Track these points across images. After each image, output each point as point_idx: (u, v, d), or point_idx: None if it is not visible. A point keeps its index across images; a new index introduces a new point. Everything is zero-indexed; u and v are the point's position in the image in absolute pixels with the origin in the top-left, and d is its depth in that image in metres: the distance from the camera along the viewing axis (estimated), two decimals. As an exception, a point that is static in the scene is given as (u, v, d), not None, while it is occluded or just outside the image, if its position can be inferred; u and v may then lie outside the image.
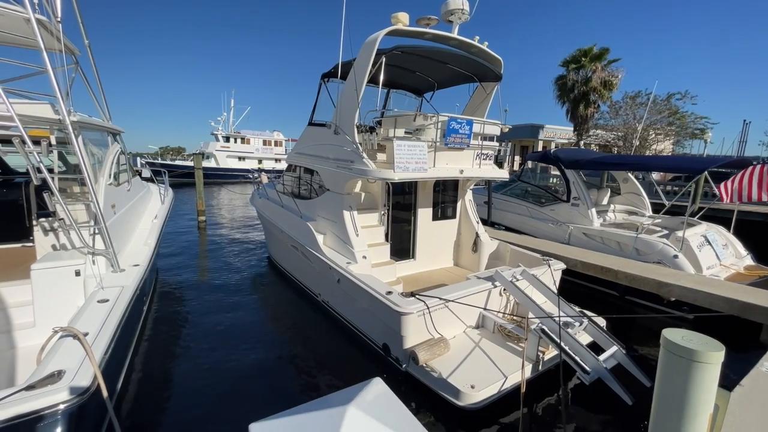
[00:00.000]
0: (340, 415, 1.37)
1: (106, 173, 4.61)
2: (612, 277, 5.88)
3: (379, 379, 1.78)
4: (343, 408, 1.41)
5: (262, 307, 6.46)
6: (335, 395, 1.66)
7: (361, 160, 4.87)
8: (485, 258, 6.35)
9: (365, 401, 1.49)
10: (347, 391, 1.64)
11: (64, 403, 2.09)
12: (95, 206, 3.71)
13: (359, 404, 1.44)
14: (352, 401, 1.45)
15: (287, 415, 1.48)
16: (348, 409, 1.40)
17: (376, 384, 1.72)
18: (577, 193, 8.01)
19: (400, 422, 1.50)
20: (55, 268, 3.47)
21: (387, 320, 4.10)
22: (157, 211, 6.42)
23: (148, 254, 4.62)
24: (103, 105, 5.74)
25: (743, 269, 6.65)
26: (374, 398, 1.58)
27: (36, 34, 3.25)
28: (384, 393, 1.69)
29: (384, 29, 4.74)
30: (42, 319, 3.41)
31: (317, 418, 1.42)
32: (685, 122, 20.71)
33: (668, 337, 1.51)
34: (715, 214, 8.41)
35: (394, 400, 1.68)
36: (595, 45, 20.12)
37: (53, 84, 3.37)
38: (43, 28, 3.53)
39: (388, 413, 1.52)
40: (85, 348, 2.51)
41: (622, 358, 3.87)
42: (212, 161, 30.71)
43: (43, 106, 3.66)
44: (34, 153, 3.31)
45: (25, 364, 3.17)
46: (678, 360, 1.44)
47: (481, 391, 3.44)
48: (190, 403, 3.80)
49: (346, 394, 1.56)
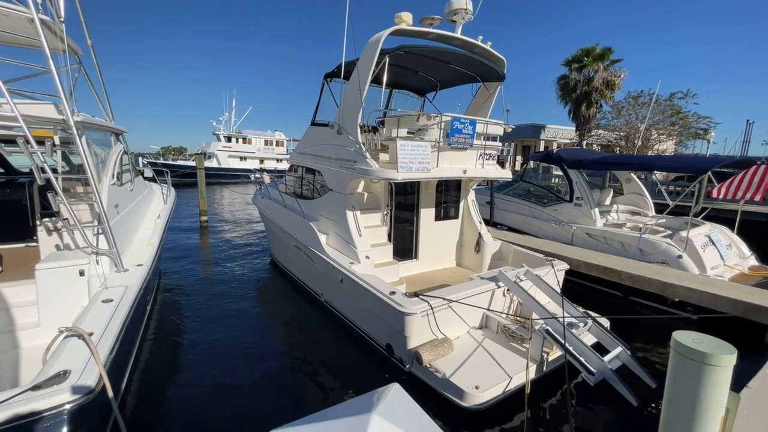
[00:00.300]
0: (364, 424, 1.35)
1: (109, 173, 4.62)
2: (615, 277, 5.85)
3: (398, 385, 1.76)
4: (366, 416, 1.39)
5: (264, 307, 6.46)
6: (354, 402, 1.64)
7: (365, 160, 4.86)
8: (488, 258, 6.33)
9: (387, 409, 1.47)
10: (365, 397, 1.62)
11: (70, 403, 2.09)
12: (99, 206, 3.72)
13: (382, 412, 1.42)
14: (374, 409, 1.43)
15: (307, 423, 1.46)
16: (371, 417, 1.38)
17: (396, 390, 1.69)
18: (580, 193, 7.98)
19: (423, 430, 1.49)
20: (59, 267, 3.47)
21: (390, 320, 4.09)
22: (160, 210, 6.42)
23: (152, 254, 4.62)
24: (105, 105, 5.74)
25: (747, 270, 6.62)
26: (396, 405, 1.56)
27: (39, 34, 3.26)
28: (404, 400, 1.67)
29: (387, 29, 4.72)
30: (46, 318, 3.41)
31: (339, 427, 1.40)
32: (687, 122, 20.63)
33: (679, 339, 1.50)
34: (719, 215, 8.37)
35: (415, 407, 1.66)
36: (597, 44, 20.08)
37: (57, 84, 3.37)
38: (47, 29, 3.53)
39: (410, 421, 1.50)
40: (91, 348, 2.51)
41: (627, 359, 3.85)
42: (214, 161, 30.77)
43: (46, 106, 3.66)
44: (38, 153, 3.32)
45: (30, 364, 3.18)
46: (689, 363, 1.42)
47: (486, 391, 3.43)
48: (194, 403, 3.80)
49: (365, 401, 1.54)
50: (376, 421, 1.39)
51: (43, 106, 3.65)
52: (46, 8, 3.56)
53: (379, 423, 1.39)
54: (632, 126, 19.73)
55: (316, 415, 1.55)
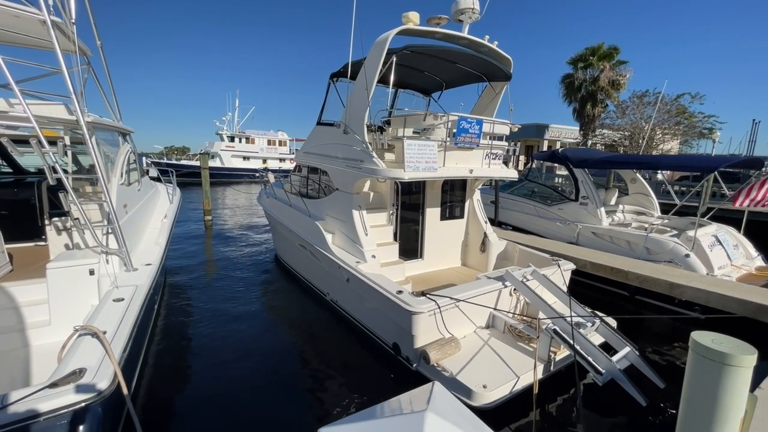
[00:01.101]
0: (419, 422, 1.35)
1: (117, 173, 4.64)
2: (622, 277, 5.83)
3: (438, 383, 1.77)
4: (420, 414, 1.39)
5: (270, 306, 6.49)
6: (397, 401, 1.64)
7: (371, 160, 4.86)
8: (493, 258, 6.32)
9: (440, 406, 1.47)
10: (410, 396, 1.63)
11: (86, 400, 2.12)
12: (108, 206, 3.74)
13: (436, 410, 1.42)
14: (428, 407, 1.44)
15: (356, 421, 1.46)
16: (426, 415, 1.38)
17: (440, 389, 1.70)
18: (586, 192, 7.95)
19: (474, 427, 1.49)
20: (70, 267, 3.51)
21: (398, 319, 4.10)
22: (167, 210, 6.46)
23: (160, 253, 4.65)
24: (114, 105, 5.77)
25: (755, 270, 6.58)
26: (446, 403, 1.57)
27: (51, 35, 3.28)
28: (450, 398, 1.68)
29: (395, 28, 4.72)
30: (57, 317, 3.44)
31: (392, 425, 1.41)
32: (693, 121, 20.48)
33: (698, 339, 1.49)
34: (725, 215, 8.32)
35: (460, 404, 1.68)
36: (603, 43, 19.96)
37: (68, 85, 3.40)
38: (58, 30, 3.56)
39: (462, 418, 1.50)
40: (105, 346, 2.53)
41: (635, 358, 3.84)
42: (217, 161, 30.88)
43: (57, 107, 3.69)
44: (50, 153, 3.34)
45: (42, 362, 3.20)
46: (709, 363, 1.42)
47: (494, 391, 3.43)
48: (202, 398, 3.83)
49: (410, 400, 1.55)
50: (432, 418, 1.40)
51: (54, 107, 3.68)
52: (58, 10, 3.58)
53: (435, 421, 1.39)
54: (637, 125, 19.61)
55: (360, 413, 1.55)
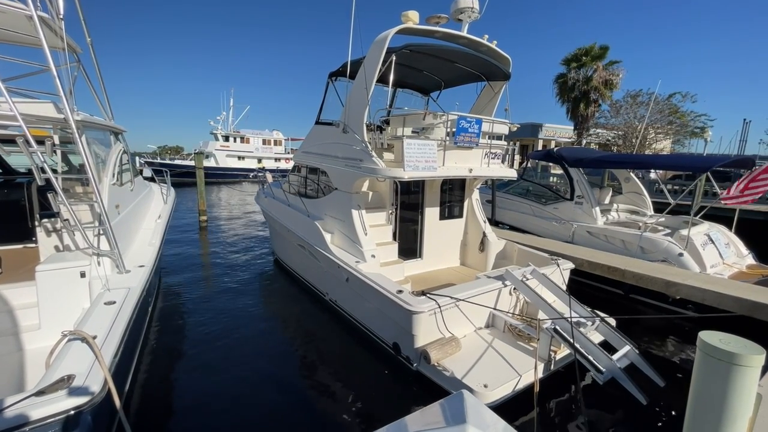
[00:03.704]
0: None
1: (109, 173, 4.53)
2: (619, 276, 5.87)
3: (467, 392, 1.74)
4: (461, 427, 1.35)
5: (268, 307, 6.41)
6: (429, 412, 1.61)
7: (371, 159, 4.82)
8: (492, 257, 6.33)
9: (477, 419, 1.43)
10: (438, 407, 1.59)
11: (74, 408, 2.04)
12: (100, 206, 3.64)
13: (476, 423, 1.39)
14: (467, 420, 1.40)
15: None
16: (467, 428, 1.34)
17: (471, 399, 1.66)
18: (581, 192, 8.01)
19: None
20: (60, 269, 3.40)
21: (398, 319, 4.07)
22: (160, 210, 6.34)
23: (154, 255, 4.55)
24: (105, 104, 5.64)
25: (745, 268, 6.68)
26: (481, 415, 1.53)
27: (38, 31, 3.17)
28: (483, 408, 1.65)
29: (394, 27, 4.68)
30: (47, 321, 3.34)
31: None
32: (685, 120, 20.78)
33: (706, 339, 1.48)
34: (716, 213, 8.43)
35: (494, 415, 1.64)
36: (595, 43, 20.15)
37: (56, 83, 3.29)
38: (46, 26, 3.45)
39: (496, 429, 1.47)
40: (95, 352, 2.45)
41: (635, 357, 3.86)
42: (212, 160, 30.57)
43: (45, 105, 3.58)
44: (38, 153, 3.24)
45: (32, 367, 3.10)
46: (716, 363, 1.41)
47: (495, 390, 3.42)
48: (198, 404, 3.75)
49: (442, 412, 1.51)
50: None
51: (42, 105, 3.56)
52: (45, 6, 3.47)
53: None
54: (630, 125, 19.84)
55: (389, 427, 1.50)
